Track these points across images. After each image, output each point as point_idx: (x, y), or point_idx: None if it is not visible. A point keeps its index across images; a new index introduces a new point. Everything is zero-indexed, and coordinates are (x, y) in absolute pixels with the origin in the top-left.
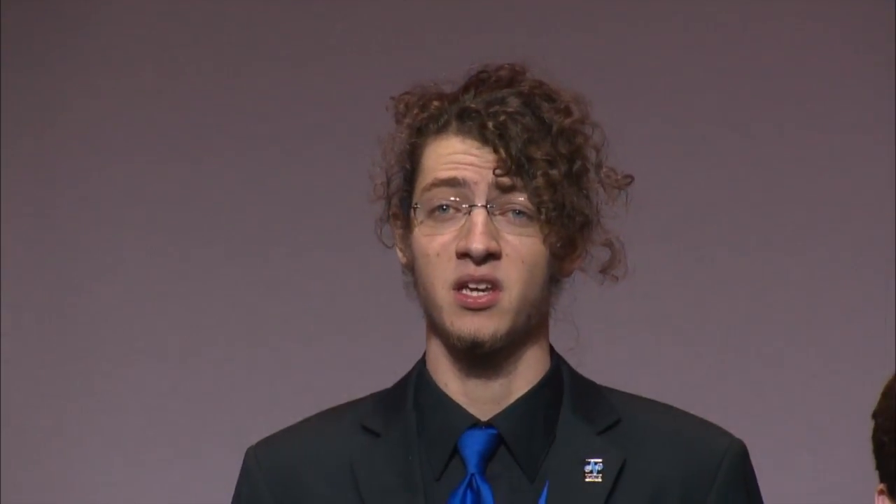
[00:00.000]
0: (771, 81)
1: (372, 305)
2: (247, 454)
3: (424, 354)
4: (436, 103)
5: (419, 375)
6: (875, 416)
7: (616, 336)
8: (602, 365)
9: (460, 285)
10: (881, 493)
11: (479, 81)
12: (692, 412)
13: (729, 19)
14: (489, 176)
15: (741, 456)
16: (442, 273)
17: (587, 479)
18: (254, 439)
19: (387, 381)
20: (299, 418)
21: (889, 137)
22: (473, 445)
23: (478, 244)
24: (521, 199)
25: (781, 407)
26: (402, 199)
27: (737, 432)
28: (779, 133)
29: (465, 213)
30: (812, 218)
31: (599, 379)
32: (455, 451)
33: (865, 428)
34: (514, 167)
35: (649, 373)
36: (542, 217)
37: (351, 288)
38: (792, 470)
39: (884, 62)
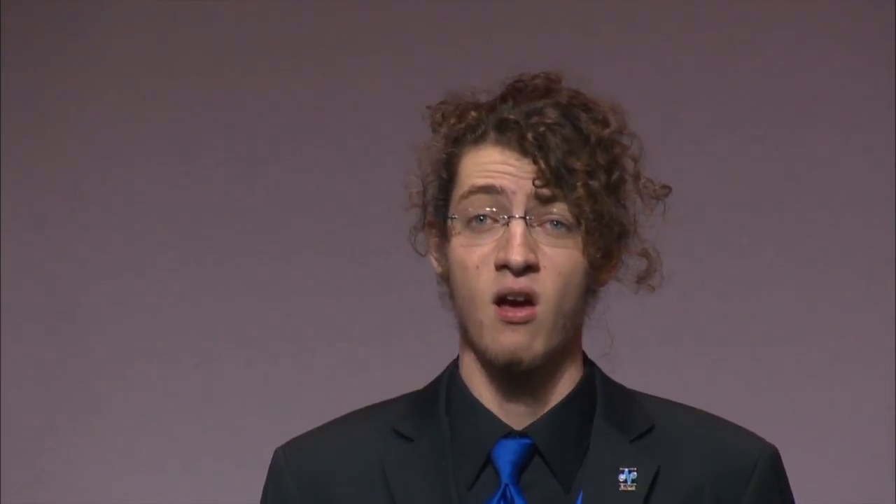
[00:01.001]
0: (770, 80)
1: (376, 306)
2: (275, 455)
3: (457, 359)
4: (473, 113)
5: (451, 380)
6: None
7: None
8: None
9: (500, 299)
10: None
11: (515, 91)
12: (724, 417)
13: (728, 18)
14: (528, 186)
15: (774, 461)
16: (481, 285)
17: (621, 489)
18: (253, 440)
19: (389, 383)
20: (299, 420)
21: (889, 137)
22: (507, 455)
23: (517, 256)
24: (559, 210)
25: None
26: (438, 207)
27: (769, 437)
28: (779, 132)
29: (503, 224)
30: (812, 218)
31: (632, 384)
32: (488, 461)
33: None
34: (554, 178)
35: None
36: (582, 228)
37: (352, 290)
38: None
39: (884, 61)
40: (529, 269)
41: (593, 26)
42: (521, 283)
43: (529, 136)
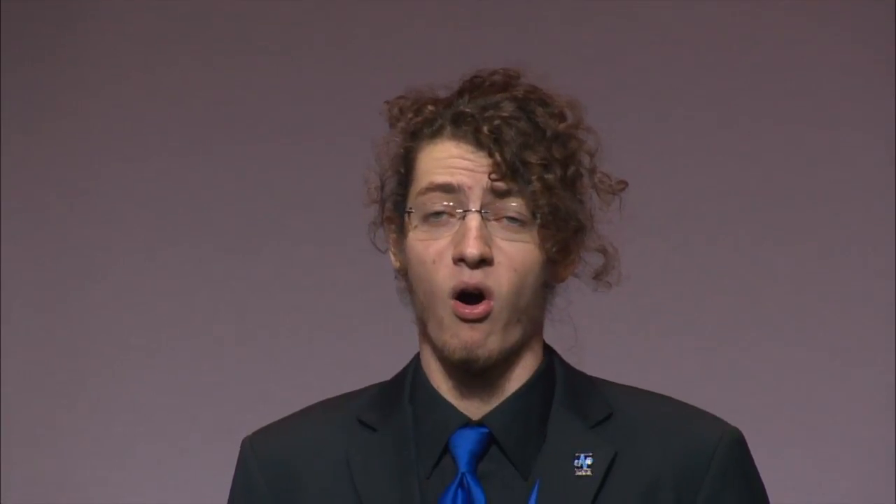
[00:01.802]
0: (770, 80)
1: (369, 301)
2: (242, 444)
3: (419, 352)
4: (430, 107)
5: (415, 372)
6: None
7: (614, 334)
8: (603, 363)
9: (457, 293)
10: None
11: (473, 86)
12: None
13: (728, 18)
14: (484, 181)
15: (736, 444)
16: (439, 280)
17: (577, 474)
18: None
19: (384, 375)
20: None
21: (889, 135)
22: (465, 444)
23: (472, 249)
24: (515, 204)
25: (782, 404)
26: (396, 203)
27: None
28: (778, 132)
29: (459, 219)
30: (811, 215)
31: (603, 375)
32: (446, 450)
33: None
34: (509, 172)
35: (651, 370)
36: (538, 222)
37: (348, 284)
38: (793, 467)
39: (884, 61)
40: (484, 262)
41: (590, 25)
42: (476, 277)
43: (485, 129)
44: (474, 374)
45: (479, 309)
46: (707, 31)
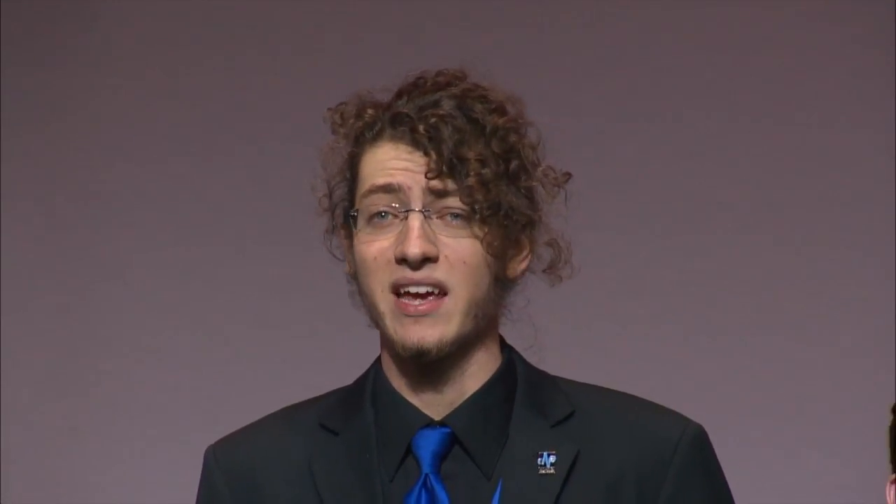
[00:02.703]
0: (770, 80)
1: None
2: (206, 453)
3: (380, 355)
4: (370, 111)
5: (376, 374)
6: (894, 410)
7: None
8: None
9: (397, 288)
10: (894, 482)
11: (413, 87)
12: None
13: (727, 17)
14: (423, 180)
15: (698, 440)
16: (380, 277)
17: (541, 472)
18: None
19: None
20: None
21: (889, 137)
22: (427, 445)
23: (414, 248)
24: (454, 201)
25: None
26: (346, 209)
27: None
28: (777, 132)
29: (402, 219)
30: (810, 216)
31: (564, 373)
32: (409, 451)
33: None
34: (447, 169)
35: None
36: (477, 217)
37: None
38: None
39: (884, 61)
40: (428, 260)
41: (589, 25)
42: (420, 275)
43: (421, 128)
44: (430, 369)
45: (424, 305)
46: (707, 33)
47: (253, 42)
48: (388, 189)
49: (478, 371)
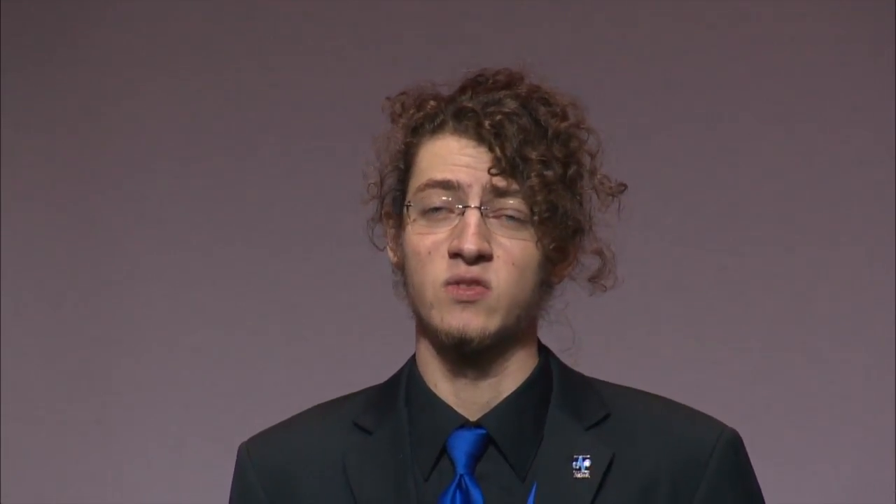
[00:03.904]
0: (769, 77)
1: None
2: (239, 450)
3: (415, 353)
4: (432, 103)
5: (410, 374)
6: None
7: (610, 334)
8: (599, 363)
9: (450, 283)
10: None
11: (476, 83)
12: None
13: (728, 17)
14: (484, 177)
15: (733, 446)
16: (433, 271)
17: (576, 476)
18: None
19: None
20: None
21: (889, 136)
22: (462, 446)
23: (470, 244)
24: (514, 202)
25: (781, 405)
26: (395, 198)
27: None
28: (777, 132)
29: (458, 214)
30: (810, 217)
31: (599, 375)
32: (444, 451)
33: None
34: (509, 167)
35: (648, 370)
36: (535, 219)
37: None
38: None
39: (884, 61)
40: (482, 258)
41: (589, 25)
42: (473, 271)
43: (486, 124)
44: (470, 366)
45: (472, 291)
46: (710, 34)
47: (250, 43)
48: (446, 185)
49: (515, 371)
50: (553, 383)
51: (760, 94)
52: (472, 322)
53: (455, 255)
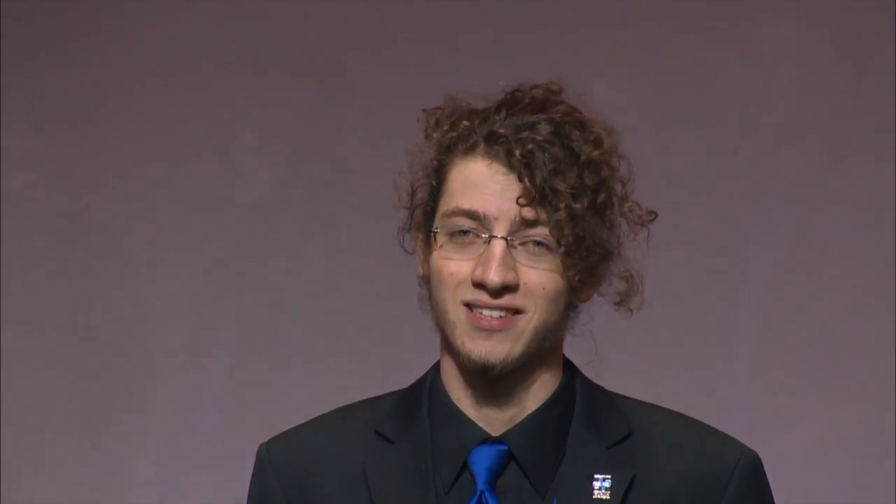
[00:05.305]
0: (770, 81)
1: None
2: (259, 450)
3: (439, 362)
4: (465, 122)
5: (433, 383)
6: None
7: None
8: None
9: (472, 307)
10: None
11: (512, 102)
12: (711, 423)
13: (728, 18)
14: (512, 207)
15: (753, 468)
16: (454, 293)
17: (595, 496)
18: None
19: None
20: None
21: (889, 137)
22: (483, 461)
23: (494, 276)
24: (541, 232)
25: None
26: (426, 213)
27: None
28: (776, 133)
29: (484, 242)
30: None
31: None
32: (465, 466)
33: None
34: (538, 198)
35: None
36: (562, 250)
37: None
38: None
39: (884, 61)
40: (507, 289)
41: (588, 26)
42: (501, 301)
43: (517, 152)
44: (494, 384)
45: (497, 321)
46: (711, 34)
47: (244, 41)
48: (473, 216)
49: (539, 388)
50: (576, 399)
51: (755, 96)
52: (495, 350)
53: (479, 285)
